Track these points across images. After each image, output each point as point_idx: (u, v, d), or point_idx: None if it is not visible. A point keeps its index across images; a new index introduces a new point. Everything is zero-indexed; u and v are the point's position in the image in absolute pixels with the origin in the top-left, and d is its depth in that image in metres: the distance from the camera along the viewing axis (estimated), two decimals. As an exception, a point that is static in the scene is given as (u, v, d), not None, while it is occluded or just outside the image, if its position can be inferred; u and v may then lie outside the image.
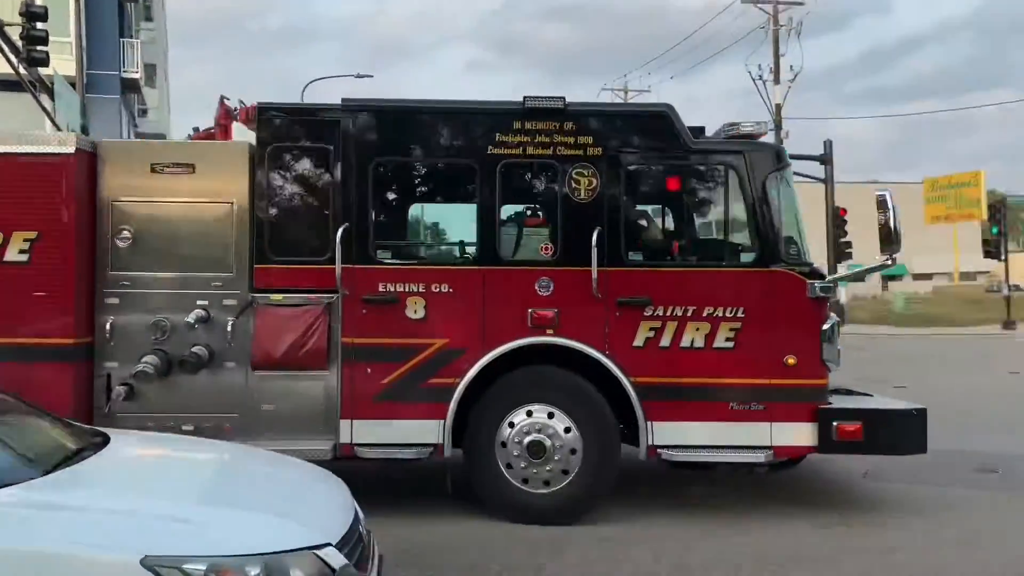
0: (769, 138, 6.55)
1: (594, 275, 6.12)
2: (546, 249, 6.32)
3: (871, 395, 7.00)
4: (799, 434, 6.20)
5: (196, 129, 7.50)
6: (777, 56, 33.16)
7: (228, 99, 7.51)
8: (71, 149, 6.07)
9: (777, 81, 33.08)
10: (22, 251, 6.04)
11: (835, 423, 6.15)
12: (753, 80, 32.99)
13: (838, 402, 6.44)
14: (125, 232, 6.27)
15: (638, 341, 6.22)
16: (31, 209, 6.06)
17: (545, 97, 6.26)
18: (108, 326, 6.20)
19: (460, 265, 6.34)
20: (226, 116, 7.39)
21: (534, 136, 6.27)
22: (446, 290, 6.22)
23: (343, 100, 6.34)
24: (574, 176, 6.26)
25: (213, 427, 6.23)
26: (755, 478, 7.08)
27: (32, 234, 6.04)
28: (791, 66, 33.14)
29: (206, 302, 6.26)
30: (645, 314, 6.22)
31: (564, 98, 6.25)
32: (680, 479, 7.14)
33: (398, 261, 6.40)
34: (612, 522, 6.21)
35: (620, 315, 6.21)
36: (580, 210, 6.25)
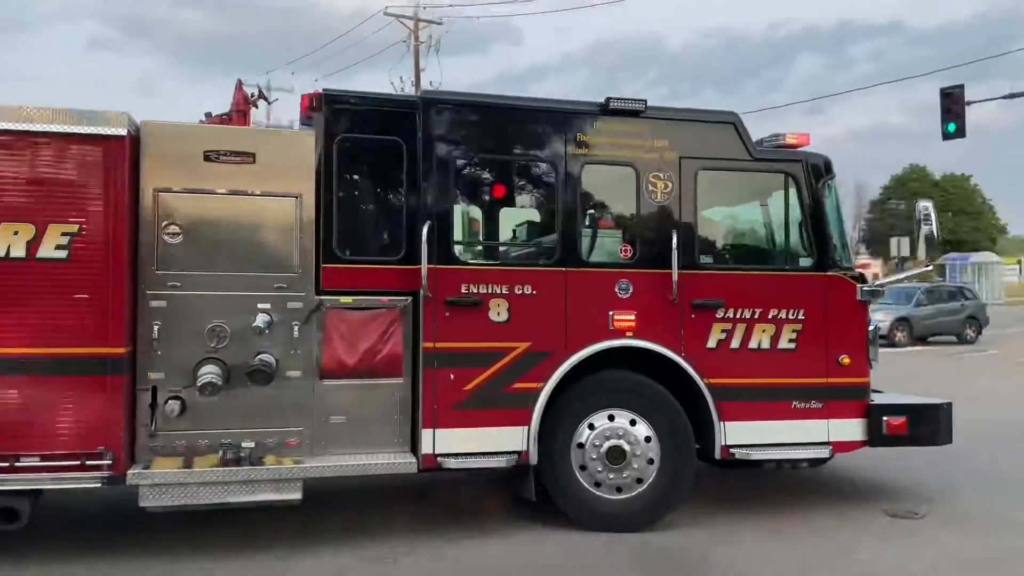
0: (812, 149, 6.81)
1: (675, 277, 6.16)
2: (625, 251, 6.28)
3: (881, 391, 7.49)
4: (853, 430, 6.54)
5: (208, 115, 6.79)
6: (418, 70, 33.60)
7: (245, 83, 6.91)
8: (123, 131, 5.31)
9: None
10: (60, 247, 5.20)
11: (885, 418, 6.55)
12: (396, 91, 33.21)
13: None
14: (173, 227, 5.56)
15: (711, 343, 6.31)
16: (71, 198, 5.24)
17: (628, 99, 6.23)
18: (154, 332, 5.47)
19: (543, 266, 6.13)
20: (244, 102, 6.78)
21: (614, 137, 6.22)
22: (529, 292, 6.02)
23: (423, 92, 5.98)
24: (651, 179, 6.26)
25: (277, 443, 5.68)
26: (788, 473, 7.38)
27: (72, 227, 5.22)
28: (431, 81, 33.13)
29: (268, 305, 5.67)
30: (717, 316, 6.33)
31: (646, 101, 6.24)
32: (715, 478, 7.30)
33: (480, 262, 6.11)
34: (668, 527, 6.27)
35: (695, 317, 6.28)
36: (657, 213, 6.28)
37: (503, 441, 5.94)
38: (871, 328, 6.72)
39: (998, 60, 49.31)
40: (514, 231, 6.49)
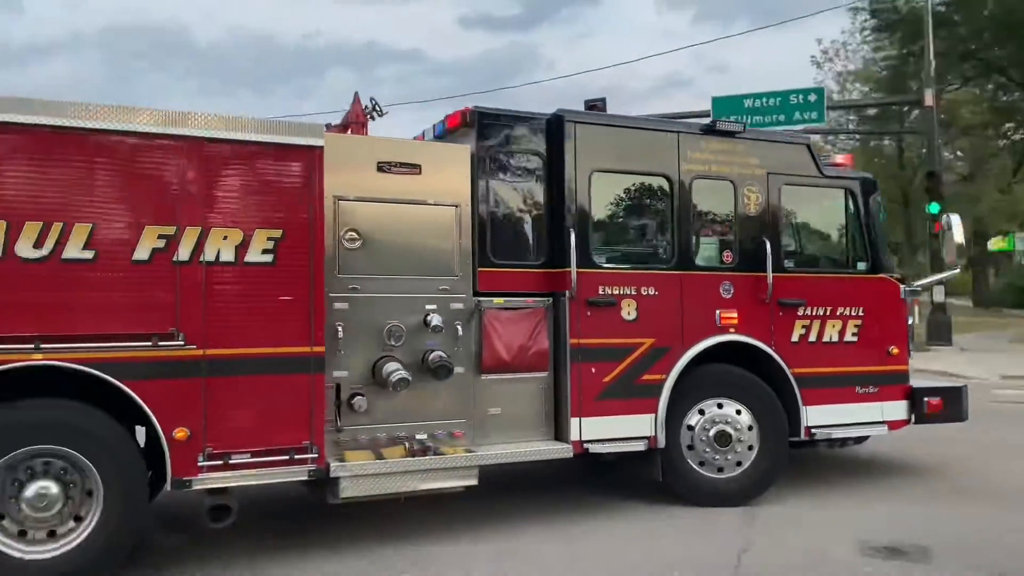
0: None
1: (769, 280, 7.03)
2: (727, 256, 7.09)
3: None
4: (900, 410, 7.64)
5: (329, 125, 7.07)
6: None
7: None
8: (321, 141, 5.61)
9: None
10: (266, 251, 5.44)
11: (926, 399, 7.69)
12: None
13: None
14: (352, 233, 5.89)
15: (794, 337, 7.24)
16: (275, 205, 5.49)
17: (730, 121, 7.11)
18: (339, 333, 5.77)
19: (662, 270, 6.84)
20: (363, 114, 7.14)
21: (716, 155, 7.04)
22: (652, 293, 6.72)
23: (561, 111, 6.57)
24: (746, 192, 7.12)
25: (445, 434, 6.09)
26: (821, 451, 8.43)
27: (277, 232, 5.47)
28: None
29: (434, 306, 6.09)
30: (799, 314, 7.25)
31: (745, 123, 7.13)
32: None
33: (613, 266, 6.74)
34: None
35: (782, 315, 7.18)
36: (751, 222, 7.14)
37: (636, 427, 6.62)
38: (911, 322, 7.85)
39: (499, 93, 55.25)
40: (637, 237, 7.15)
